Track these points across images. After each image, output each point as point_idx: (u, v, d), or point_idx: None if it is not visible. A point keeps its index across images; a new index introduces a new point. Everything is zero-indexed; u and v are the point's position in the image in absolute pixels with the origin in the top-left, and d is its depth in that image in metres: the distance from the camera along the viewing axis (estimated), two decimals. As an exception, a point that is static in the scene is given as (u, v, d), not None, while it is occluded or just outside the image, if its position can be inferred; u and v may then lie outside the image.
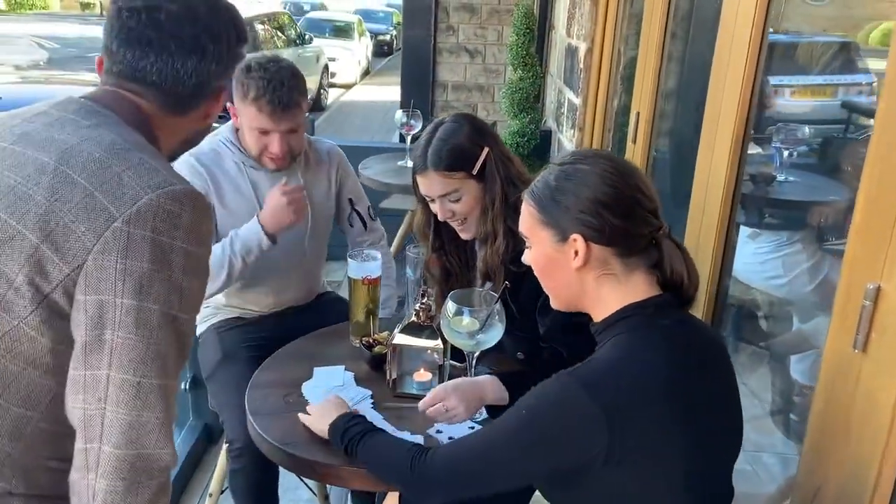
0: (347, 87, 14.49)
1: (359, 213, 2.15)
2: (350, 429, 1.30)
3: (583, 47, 3.46)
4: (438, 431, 1.45)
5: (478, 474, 1.11)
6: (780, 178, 2.54)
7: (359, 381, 1.62)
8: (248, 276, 1.97)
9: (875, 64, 2.67)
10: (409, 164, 3.31)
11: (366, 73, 16.55)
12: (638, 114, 2.65)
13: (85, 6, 20.84)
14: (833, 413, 1.29)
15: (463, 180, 1.58)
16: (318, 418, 1.39)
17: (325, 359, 1.70)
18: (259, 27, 10.23)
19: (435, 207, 1.64)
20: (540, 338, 1.62)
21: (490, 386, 1.41)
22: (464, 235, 1.67)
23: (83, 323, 0.90)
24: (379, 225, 2.24)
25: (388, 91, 13.85)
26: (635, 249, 1.08)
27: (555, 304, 1.19)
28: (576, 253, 1.07)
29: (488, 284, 1.62)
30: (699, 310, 1.84)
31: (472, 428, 1.46)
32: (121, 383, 0.90)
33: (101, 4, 25.57)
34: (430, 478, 1.16)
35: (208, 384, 2.00)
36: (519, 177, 1.62)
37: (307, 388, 1.59)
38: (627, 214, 1.06)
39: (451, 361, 1.61)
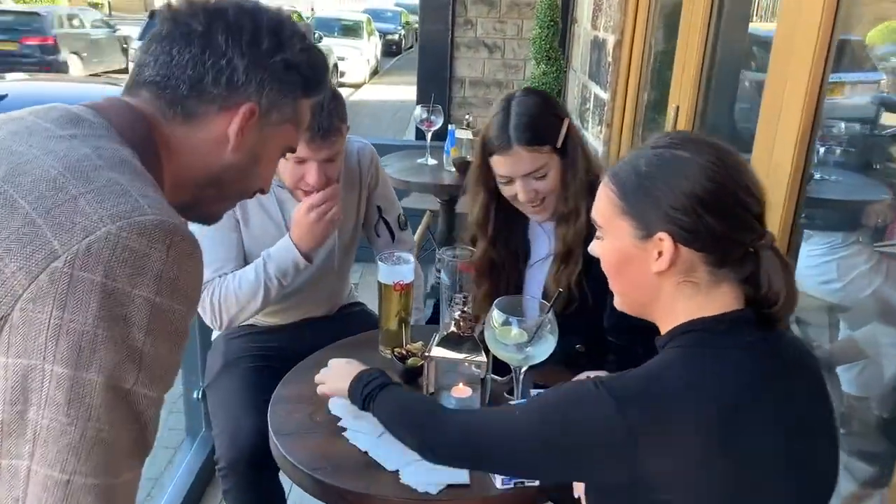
0: (357, 86, 14.40)
1: (387, 223, 1.97)
2: (371, 381, 1.23)
3: (611, 40, 3.30)
4: (484, 456, 1.30)
5: (486, 451, 1.04)
6: (817, 176, 2.40)
7: (391, 396, 1.47)
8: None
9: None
10: (430, 161, 3.24)
11: (374, 72, 16.46)
12: (677, 108, 2.50)
13: (93, 5, 20.82)
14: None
15: (549, 155, 1.50)
16: (337, 378, 1.31)
17: (353, 371, 1.55)
18: (268, 25, 10.10)
19: (512, 190, 1.53)
20: (603, 329, 1.52)
21: None
22: (539, 217, 1.57)
23: (1, 394, 0.67)
24: (409, 235, 2.06)
25: (398, 90, 13.78)
26: (729, 258, 0.92)
27: (619, 303, 1.05)
28: (659, 254, 0.92)
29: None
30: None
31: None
32: (44, 481, 0.66)
33: (108, 4, 25.53)
34: (441, 439, 1.10)
35: (207, 394, 1.87)
36: (590, 151, 1.56)
37: (334, 405, 1.44)
38: (728, 216, 0.90)
39: (492, 375, 1.47)
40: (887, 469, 1.38)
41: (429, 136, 3.25)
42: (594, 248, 1.04)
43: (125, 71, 13.56)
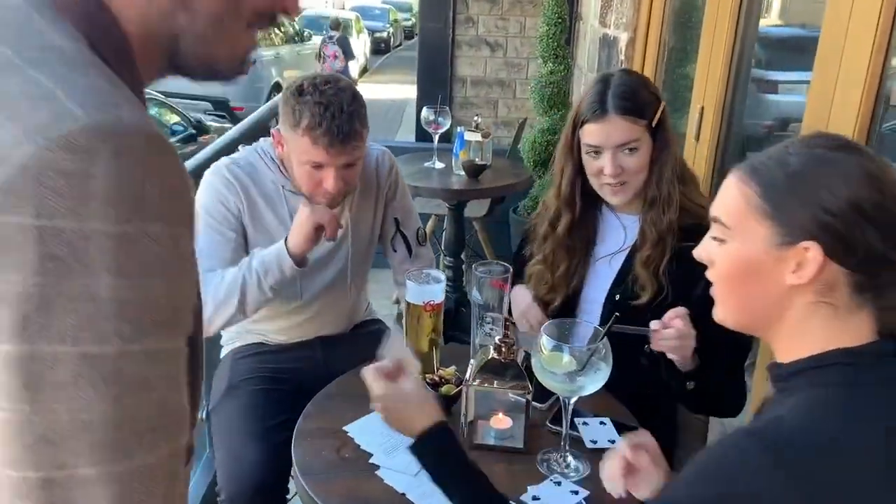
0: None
1: (405, 237, 1.83)
2: (437, 453, 1.09)
3: (624, 37, 3.19)
4: (535, 498, 1.18)
5: None
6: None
7: (423, 428, 1.35)
8: (273, 308, 1.70)
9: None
10: (438, 165, 3.11)
11: (364, 70, 16.29)
12: (702, 108, 2.39)
13: None
14: None
15: (643, 131, 1.45)
16: (401, 415, 1.14)
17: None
18: (257, 23, 9.91)
19: (599, 164, 1.47)
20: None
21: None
22: (617, 198, 1.50)
23: None
24: (427, 251, 1.91)
25: (388, 89, 13.63)
26: (877, 282, 0.80)
27: (727, 316, 0.92)
28: (798, 265, 0.80)
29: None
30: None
31: (576, 493, 1.19)
32: (14, 486, 0.49)
33: None
34: None
35: (211, 416, 1.73)
36: (677, 140, 1.52)
37: (365, 437, 1.32)
38: (891, 232, 0.78)
39: (533, 403, 1.35)
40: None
41: (436, 138, 3.12)
42: (708, 250, 0.91)
43: None
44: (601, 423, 1.38)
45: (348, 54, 12.27)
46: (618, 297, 1.52)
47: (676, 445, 1.58)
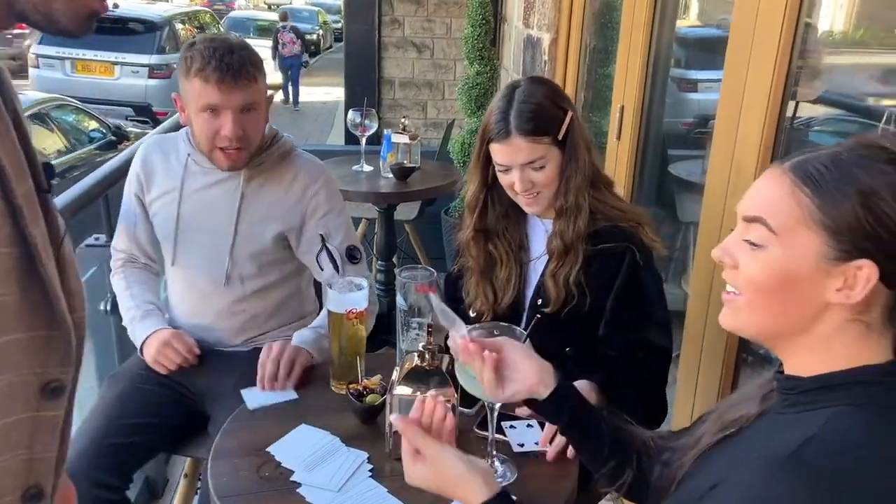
0: (275, 87, 13.97)
1: (330, 254, 1.70)
2: None
3: (546, 38, 3.22)
4: (462, 507, 1.16)
5: None
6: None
7: (348, 440, 1.31)
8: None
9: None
10: (366, 168, 3.07)
11: (294, 73, 16.01)
12: (622, 108, 2.43)
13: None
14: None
15: (549, 146, 1.44)
16: (444, 480, 1.01)
17: (302, 412, 1.38)
18: (179, 26, 9.65)
19: (510, 179, 1.47)
20: (596, 337, 1.47)
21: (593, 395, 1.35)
22: (532, 209, 1.50)
23: None
24: (362, 270, 1.76)
25: (318, 91, 13.44)
26: None
27: (741, 325, 0.84)
28: (845, 283, 0.75)
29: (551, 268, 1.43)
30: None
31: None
32: None
33: None
34: None
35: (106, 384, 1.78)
36: (592, 144, 1.51)
37: (285, 455, 1.27)
38: None
39: (459, 408, 1.33)
40: None
41: (363, 141, 3.07)
42: (735, 253, 0.83)
43: None
44: (528, 425, 1.37)
45: (303, 41, 12.61)
46: (539, 301, 1.51)
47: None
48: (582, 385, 1.34)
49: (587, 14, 3.04)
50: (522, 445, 1.32)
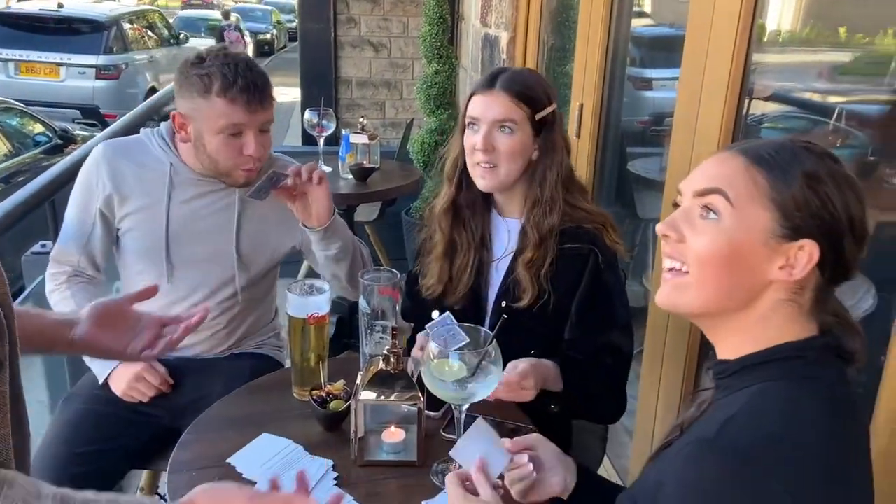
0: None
1: None
2: None
3: (504, 37, 3.22)
4: (430, 513, 1.14)
5: None
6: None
7: (312, 448, 1.27)
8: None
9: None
10: (324, 168, 3.01)
11: (248, 73, 15.77)
12: (581, 105, 2.44)
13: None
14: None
15: (524, 118, 1.43)
16: None
17: (265, 421, 1.34)
18: (127, 26, 9.39)
19: (475, 139, 1.44)
20: (559, 336, 1.47)
21: (554, 372, 1.38)
22: (485, 181, 1.46)
23: None
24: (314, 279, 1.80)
25: (274, 92, 13.21)
26: (834, 287, 0.82)
27: (691, 298, 0.85)
28: (787, 262, 0.79)
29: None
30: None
31: None
32: None
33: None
34: None
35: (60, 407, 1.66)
36: (570, 146, 1.53)
37: (246, 465, 1.23)
38: (863, 242, 0.81)
39: (426, 412, 1.31)
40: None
41: (321, 141, 3.02)
42: (684, 223, 0.85)
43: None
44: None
45: (243, 38, 12.61)
46: (504, 303, 1.49)
47: (571, 447, 1.58)
48: (549, 364, 1.38)
49: (545, 12, 3.04)
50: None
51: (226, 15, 13.21)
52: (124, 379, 1.58)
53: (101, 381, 1.61)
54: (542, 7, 3.03)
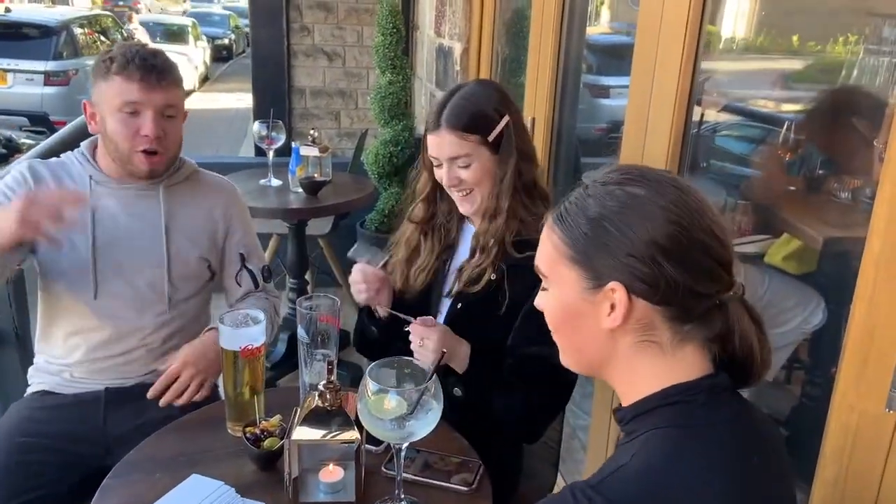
0: (185, 94, 13.51)
1: (251, 273, 1.72)
2: None
3: (458, 48, 3.19)
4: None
5: None
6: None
7: (244, 491, 1.20)
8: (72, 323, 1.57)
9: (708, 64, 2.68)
10: (274, 182, 2.94)
11: (205, 79, 15.52)
12: (533, 119, 2.41)
13: None
14: (851, 488, 1.07)
15: (476, 146, 1.44)
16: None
17: (195, 460, 1.26)
18: (78, 31, 9.13)
19: (440, 173, 1.49)
20: (503, 346, 1.45)
21: (465, 351, 1.40)
22: (463, 208, 1.51)
23: None
24: (272, 288, 1.82)
25: (231, 98, 13.05)
26: (693, 314, 0.78)
27: (568, 362, 0.90)
28: (612, 307, 0.79)
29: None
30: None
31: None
32: None
33: None
34: None
35: None
36: (532, 155, 1.50)
37: (174, 509, 1.15)
38: (691, 264, 0.77)
39: (366, 446, 1.25)
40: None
41: (270, 154, 2.94)
42: (539, 300, 0.90)
43: None
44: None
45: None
46: (459, 305, 1.51)
47: (521, 471, 1.54)
48: (462, 341, 1.41)
49: (498, 24, 3.02)
50: (434, 484, 1.24)
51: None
52: (12, 209, 1.33)
53: None
54: (496, 18, 3.01)
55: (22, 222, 1.29)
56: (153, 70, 1.51)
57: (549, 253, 0.85)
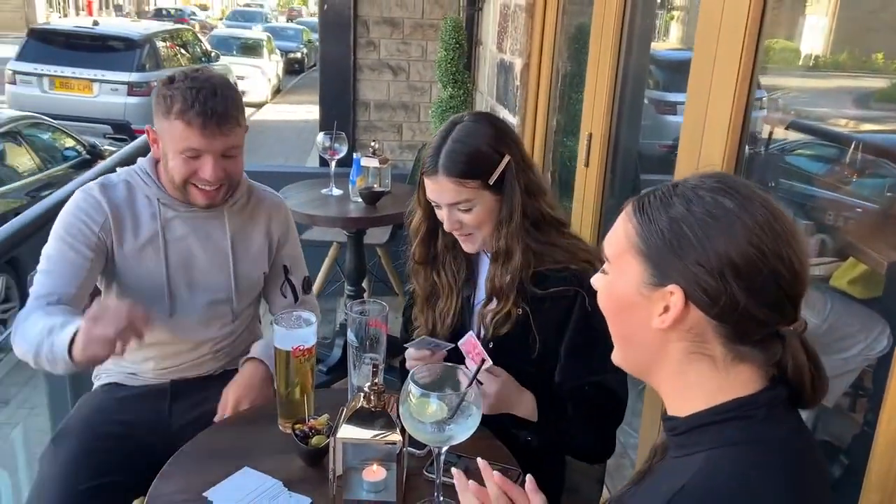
0: (258, 105, 13.98)
1: (292, 285, 1.76)
2: None
3: (519, 63, 3.22)
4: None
5: None
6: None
7: (293, 484, 1.26)
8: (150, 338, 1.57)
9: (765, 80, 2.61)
10: (335, 192, 3.03)
11: (277, 91, 16.03)
12: (590, 135, 2.41)
13: None
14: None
15: (477, 190, 1.39)
16: None
17: (247, 454, 1.33)
18: (160, 44, 9.60)
19: (441, 214, 1.44)
20: (551, 384, 1.44)
21: (529, 399, 1.37)
22: (467, 248, 1.47)
23: None
24: (312, 298, 1.86)
25: (301, 110, 13.42)
26: (749, 338, 0.77)
27: (618, 359, 0.90)
28: (665, 308, 0.79)
29: (491, 306, 1.45)
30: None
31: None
32: None
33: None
34: None
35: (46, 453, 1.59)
36: (538, 186, 1.43)
37: (220, 499, 1.21)
38: (758, 290, 0.76)
39: (409, 449, 1.29)
40: None
41: (333, 164, 3.04)
42: (595, 280, 0.90)
43: None
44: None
45: None
46: (491, 345, 1.46)
47: (564, 485, 1.54)
48: (524, 391, 1.38)
49: (559, 40, 3.03)
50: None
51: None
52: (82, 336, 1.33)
53: (64, 348, 1.36)
54: (557, 35, 3.03)
55: (111, 349, 1.29)
56: (213, 116, 1.47)
57: (620, 240, 0.84)
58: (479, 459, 1.02)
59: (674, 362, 0.81)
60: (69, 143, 6.46)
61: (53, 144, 6.34)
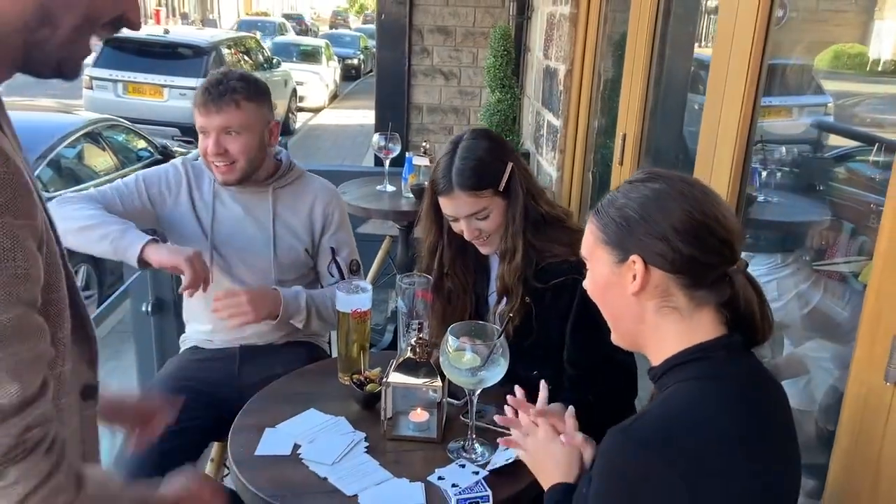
0: (316, 110, 14.41)
1: (338, 265, 1.97)
2: None
3: (562, 69, 3.42)
4: (440, 478, 1.34)
5: None
6: (761, 198, 2.50)
7: (351, 422, 1.50)
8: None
9: (828, 85, 2.68)
10: (388, 188, 3.29)
11: (334, 96, 16.48)
12: (624, 135, 2.60)
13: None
14: (860, 453, 1.22)
15: (491, 198, 1.56)
16: (541, 466, 1.20)
17: (313, 398, 1.58)
18: (225, 51, 10.09)
19: (459, 227, 1.60)
20: (561, 360, 1.58)
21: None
22: (485, 250, 1.65)
23: None
24: (360, 280, 2.01)
25: (357, 115, 13.81)
26: (703, 282, 0.97)
27: (615, 338, 1.09)
28: (634, 277, 0.98)
29: (502, 305, 1.57)
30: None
31: (477, 473, 1.35)
32: None
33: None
34: None
35: None
36: (538, 188, 1.62)
37: (288, 429, 1.46)
38: (698, 240, 0.96)
39: (449, 399, 1.51)
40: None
41: (387, 163, 3.30)
42: (586, 282, 1.09)
43: None
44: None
45: None
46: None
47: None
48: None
49: (601, 47, 3.22)
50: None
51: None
52: (165, 250, 1.74)
53: (136, 250, 1.72)
54: (599, 42, 3.22)
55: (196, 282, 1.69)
56: (211, 97, 1.76)
57: (588, 240, 1.05)
58: (516, 388, 1.28)
59: (651, 321, 1.00)
60: (142, 144, 6.90)
61: (128, 145, 6.79)
